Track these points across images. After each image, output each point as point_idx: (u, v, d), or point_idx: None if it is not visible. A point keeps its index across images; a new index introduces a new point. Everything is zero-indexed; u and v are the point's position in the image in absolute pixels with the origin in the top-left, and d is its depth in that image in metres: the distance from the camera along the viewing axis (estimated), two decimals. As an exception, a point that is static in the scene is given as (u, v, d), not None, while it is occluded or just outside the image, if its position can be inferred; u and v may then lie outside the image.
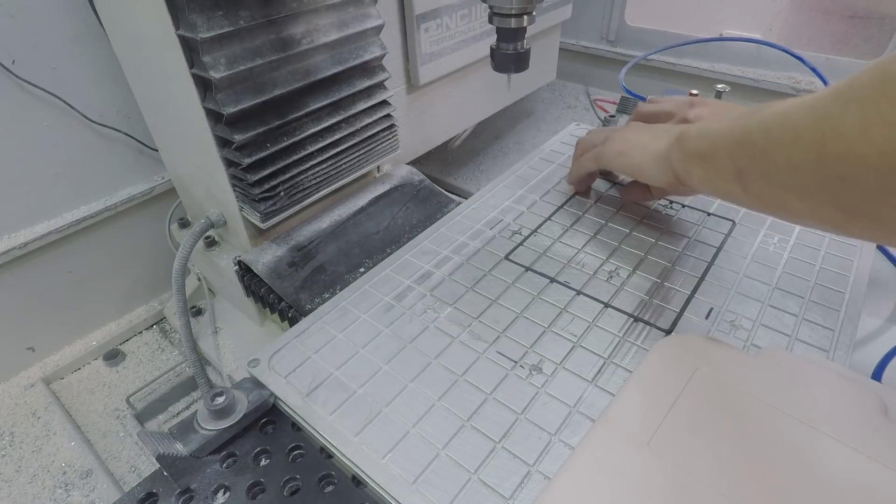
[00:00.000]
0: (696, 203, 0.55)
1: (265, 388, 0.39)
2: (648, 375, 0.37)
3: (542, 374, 0.38)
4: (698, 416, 0.34)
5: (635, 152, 0.47)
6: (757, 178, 0.32)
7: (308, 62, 0.52)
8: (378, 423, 0.35)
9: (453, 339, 0.42)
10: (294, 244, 0.56)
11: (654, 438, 0.33)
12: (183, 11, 0.42)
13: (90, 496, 0.59)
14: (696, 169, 0.39)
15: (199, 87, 0.46)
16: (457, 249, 0.51)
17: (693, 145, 0.39)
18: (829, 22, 1.01)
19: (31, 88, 0.62)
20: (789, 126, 0.29)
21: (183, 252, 0.57)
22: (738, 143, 0.34)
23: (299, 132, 0.53)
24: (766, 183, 0.32)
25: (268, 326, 0.65)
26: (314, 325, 0.44)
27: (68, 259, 0.73)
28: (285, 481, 0.34)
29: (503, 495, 0.31)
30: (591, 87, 1.30)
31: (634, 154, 0.47)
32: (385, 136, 0.63)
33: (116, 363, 0.78)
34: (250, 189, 0.51)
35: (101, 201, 0.73)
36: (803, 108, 0.29)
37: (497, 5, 0.44)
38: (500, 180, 0.61)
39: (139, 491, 0.34)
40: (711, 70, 1.06)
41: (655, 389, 0.36)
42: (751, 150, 0.32)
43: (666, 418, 0.34)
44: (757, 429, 0.33)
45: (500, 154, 1.11)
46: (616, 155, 0.49)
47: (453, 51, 0.75)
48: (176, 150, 0.62)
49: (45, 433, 0.66)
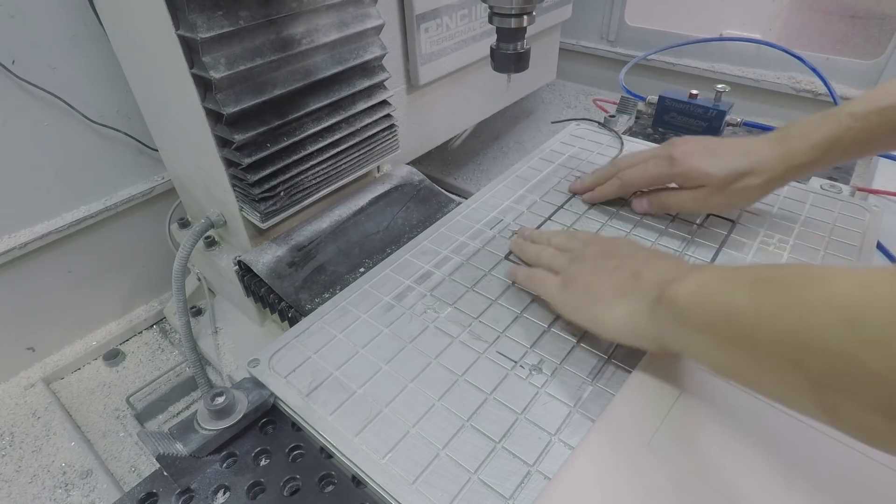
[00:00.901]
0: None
1: (265, 388, 0.39)
2: (648, 376, 0.37)
3: (542, 374, 0.38)
4: (698, 416, 0.34)
5: (596, 310, 0.38)
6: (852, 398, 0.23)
7: (308, 62, 0.52)
8: (378, 423, 0.35)
9: (453, 339, 0.42)
10: (294, 244, 0.56)
11: (654, 438, 0.33)
12: (183, 11, 0.42)
13: (90, 496, 0.59)
14: (714, 352, 0.30)
15: (199, 87, 0.46)
16: (457, 249, 0.51)
17: (699, 321, 0.31)
18: (829, 22, 1.01)
19: (31, 88, 0.62)
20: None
21: (183, 252, 0.57)
22: (803, 344, 0.24)
23: (299, 132, 0.53)
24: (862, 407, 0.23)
25: (268, 326, 0.65)
26: (314, 325, 0.44)
27: (68, 259, 0.73)
28: (285, 481, 0.34)
29: (503, 495, 0.31)
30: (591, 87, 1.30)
31: (596, 312, 0.38)
32: (385, 136, 0.63)
33: (116, 363, 0.78)
34: (250, 189, 0.51)
35: (101, 201, 0.73)
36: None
37: (497, 5, 0.44)
38: (500, 180, 0.61)
39: (139, 491, 0.34)
40: (711, 70, 1.06)
41: (656, 389, 0.36)
42: (827, 359, 0.23)
43: (666, 418, 0.34)
44: (757, 429, 0.33)
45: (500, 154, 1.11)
46: (573, 310, 0.40)
47: (453, 51, 0.75)
48: (176, 150, 0.62)
49: (45, 433, 0.66)
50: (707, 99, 0.68)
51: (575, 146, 0.67)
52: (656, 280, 0.36)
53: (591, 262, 0.41)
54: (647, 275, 0.37)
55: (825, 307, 0.24)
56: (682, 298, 0.32)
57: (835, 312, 0.23)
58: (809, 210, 0.53)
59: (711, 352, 0.30)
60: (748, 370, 0.28)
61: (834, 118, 0.43)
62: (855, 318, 0.22)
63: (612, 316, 0.37)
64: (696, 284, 0.32)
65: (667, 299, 0.33)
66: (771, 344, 0.26)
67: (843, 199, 0.55)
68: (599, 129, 0.70)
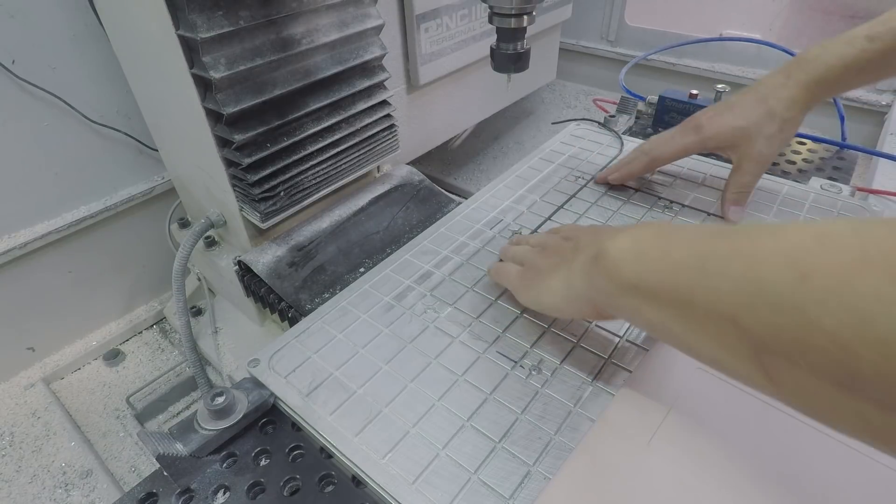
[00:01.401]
0: (696, 203, 0.55)
1: (265, 388, 0.39)
2: (648, 375, 0.37)
3: (542, 374, 0.38)
4: (698, 416, 0.34)
5: (540, 287, 0.38)
6: (798, 363, 0.20)
7: (308, 62, 0.52)
8: (378, 423, 0.35)
9: (453, 339, 0.42)
10: (294, 244, 0.56)
11: (654, 438, 0.33)
12: (183, 11, 0.42)
13: (90, 496, 0.59)
14: (647, 309, 0.28)
15: (199, 87, 0.46)
16: (457, 249, 0.51)
17: (631, 275, 0.29)
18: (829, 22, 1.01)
19: (31, 88, 0.62)
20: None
21: (183, 252, 0.57)
22: (747, 297, 0.22)
23: (299, 132, 0.53)
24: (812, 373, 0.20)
25: (268, 326, 0.65)
26: (314, 325, 0.44)
27: (68, 259, 0.73)
28: (285, 481, 0.34)
29: (503, 495, 0.31)
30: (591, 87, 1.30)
31: (539, 290, 0.37)
32: (385, 136, 0.63)
33: (116, 363, 0.78)
34: (250, 189, 0.51)
35: (101, 201, 0.73)
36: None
37: (497, 5, 0.44)
38: (500, 180, 0.61)
39: (139, 491, 0.34)
40: (711, 70, 1.06)
41: (656, 389, 0.36)
42: (779, 317, 0.21)
43: (666, 418, 0.34)
44: (757, 429, 0.33)
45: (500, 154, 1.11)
46: (524, 293, 0.40)
47: (453, 51, 0.75)
48: (176, 150, 0.62)
49: (45, 433, 0.66)
50: (707, 99, 0.68)
51: (575, 146, 0.67)
52: (590, 243, 0.34)
53: (551, 247, 0.40)
54: (585, 241, 0.35)
55: (774, 257, 0.21)
56: (613, 253, 0.30)
57: (785, 263, 0.21)
58: (809, 210, 0.53)
59: (644, 310, 0.28)
60: (683, 330, 0.26)
61: (848, 40, 0.44)
62: (808, 269, 0.20)
63: (550, 287, 0.36)
64: (631, 239, 0.30)
65: (599, 255, 0.31)
66: (710, 300, 0.24)
67: (843, 199, 0.55)
68: (599, 130, 0.70)
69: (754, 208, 0.53)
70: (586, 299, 0.33)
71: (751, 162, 0.49)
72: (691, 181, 0.59)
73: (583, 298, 0.33)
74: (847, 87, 0.46)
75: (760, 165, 0.50)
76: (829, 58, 0.45)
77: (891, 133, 0.79)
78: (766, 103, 0.47)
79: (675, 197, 0.56)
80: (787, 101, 0.46)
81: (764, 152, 0.48)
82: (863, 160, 0.84)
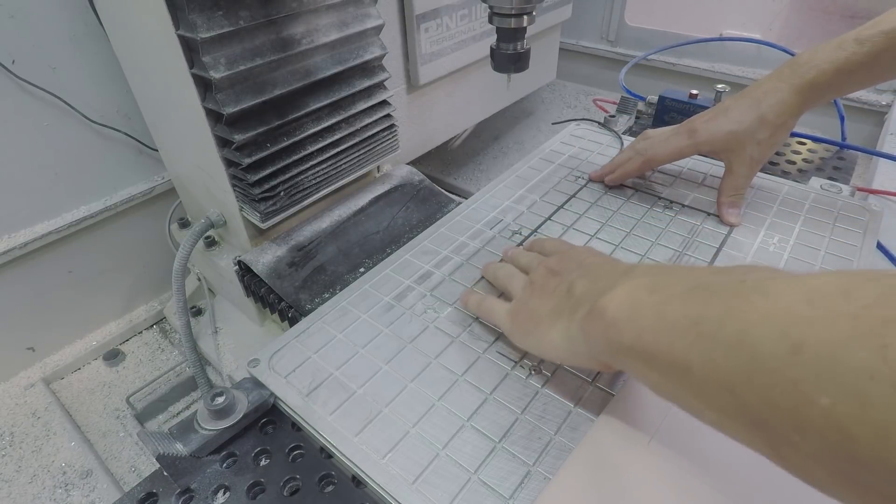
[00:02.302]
0: (696, 203, 0.55)
1: (265, 388, 0.39)
2: (648, 375, 0.37)
3: (542, 374, 0.38)
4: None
5: (538, 335, 0.36)
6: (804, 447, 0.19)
7: (308, 62, 0.52)
8: (378, 423, 0.35)
9: (453, 339, 0.42)
10: (294, 244, 0.56)
11: (654, 438, 0.33)
12: (183, 11, 0.42)
13: (90, 496, 0.59)
14: (647, 371, 0.27)
15: (199, 87, 0.46)
16: (457, 249, 0.51)
17: (627, 338, 0.27)
18: (829, 22, 1.01)
19: (31, 88, 0.62)
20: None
21: (183, 252, 0.57)
22: (742, 366, 0.21)
23: (299, 132, 0.53)
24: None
25: (268, 326, 0.65)
26: (314, 325, 0.44)
27: (68, 259, 0.73)
28: (285, 481, 0.34)
29: (503, 495, 0.31)
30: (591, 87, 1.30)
31: (538, 338, 0.36)
32: (385, 136, 0.63)
33: (116, 363, 0.78)
34: (250, 189, 0.51)
35: (101, 201, 0.73)
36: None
37: (497, 5, 0.44)
38: (500, 180, 0.61)
39: (139, 491, 0.34)
40: (711, 70, 1.06)
41: (655, 389, 0.36)
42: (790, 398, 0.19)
43: (666, 418, 0.34)
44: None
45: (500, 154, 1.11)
46: (520, 338, 0.38)
47: (453, 51, 0.75)
48: (176, 150, 0.62)
49: (45, 433, 0.66)
50: (707, 99, 0.68)
51: (575, 146, 0.67)
52: (586, 293, 0.33)
53: (539, 284, 0.38)
54: (578, 288, 0.34)
55: (765, 323, 0.20)
56: (610, 313, 0.29)
57: (777, 332, 0.20)
58: (809, 210, 0.53)
59: (645, 371, 0.27)
60: (684, 394, 0.25)
61: (839, 43, 0.45)
62: (800, 339, 0.19)
63: (550, 339, 0.34)
64: (625, 295, 0.29)
65: (596, 313, 0.30)
66: (705, 368, 0.22)
67: (843, 199, 0.55)
68: (599, 130, 0.70)
69: (755, 208, 0.53)
70: (588, 356, 0.32)
71: (742, 166, 0.50)
72: (691, 181, 0.59)
73: (585, 355, 0.32)
74: (840, 92, 0.47)
75: (751, 168, 0.51)
76: (820, 62, 0.45)
77: (891, 133, 0.79)
78: (759, 108, 0.48)
79: (675, 197, 0.56)
80: (779, 105, 0.47)
81: (755, 156, 0.50)
82: (863, 160, 0.84)
